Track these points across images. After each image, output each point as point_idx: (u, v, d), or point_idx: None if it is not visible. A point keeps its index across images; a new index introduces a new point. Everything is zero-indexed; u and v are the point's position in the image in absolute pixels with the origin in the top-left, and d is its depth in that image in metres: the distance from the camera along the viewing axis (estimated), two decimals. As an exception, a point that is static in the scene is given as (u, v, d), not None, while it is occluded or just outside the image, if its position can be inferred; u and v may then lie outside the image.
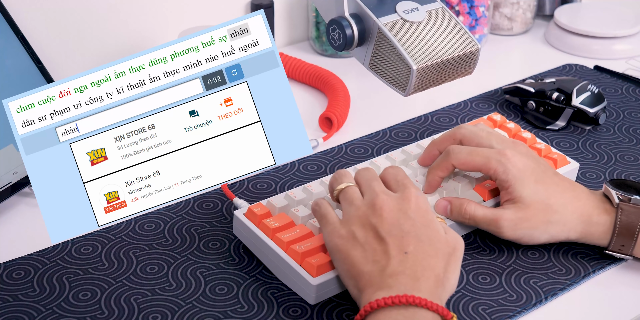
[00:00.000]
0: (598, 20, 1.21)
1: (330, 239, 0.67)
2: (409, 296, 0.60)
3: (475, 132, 0.78)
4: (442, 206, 0.76)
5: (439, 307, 0.60)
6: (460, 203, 0.75)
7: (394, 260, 0.63)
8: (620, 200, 0.74)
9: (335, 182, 0.71)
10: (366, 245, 0.64)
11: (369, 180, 0.70)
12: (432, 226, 0.66)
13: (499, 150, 0.75)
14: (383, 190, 0.68)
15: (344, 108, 0.98)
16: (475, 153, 0.75)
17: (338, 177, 0.71)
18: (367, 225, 0.65)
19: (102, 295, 0.71)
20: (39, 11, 0.97)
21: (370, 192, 0.68)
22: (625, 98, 1.05)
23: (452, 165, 0.76)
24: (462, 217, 0.75)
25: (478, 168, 0.75)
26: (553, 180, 0.75)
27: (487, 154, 0.75)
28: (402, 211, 0.66)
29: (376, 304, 0.60)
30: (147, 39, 1.07)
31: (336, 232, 0.67)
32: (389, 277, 0.62)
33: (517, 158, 0.74)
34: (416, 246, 0.64)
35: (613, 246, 0.74)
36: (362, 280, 0.63)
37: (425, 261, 0.63)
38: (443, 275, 0.63)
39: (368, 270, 0.63)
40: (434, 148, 0.80)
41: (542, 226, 0.74)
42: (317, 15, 1.15)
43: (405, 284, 0.61)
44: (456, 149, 0.76)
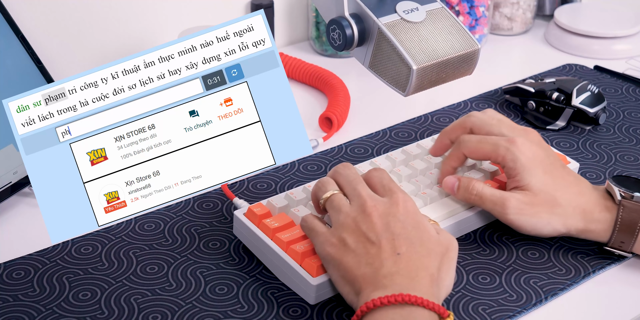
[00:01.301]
0: (598, 20, 1.21)
1: (322, 249, 0.67)
2: (405, 295, 0.60)
3: (485, 120, 0.78)
4: (450, 183, 0.76)
5: (435, 305, 0.60)
6: (469, 180, 0.75)
7: (387, 262, 0.63)
8: (622, 197, 0.74)
9: (320, 191, 0.70)
10: (358, 250, 0.64)
11: (353, 182, 0.69)
12: (422, 227, 0.66)
13: (509, 138, 0.75)
14: (369, 194, 0.68)
15: (344, 108, 0.98)
16: (484, 141, 0.76)
17: (321, 185, 0.70)
18: (358, 231, 0.65)
19: (102, 295, 0.71)
20: (39, 11, 0.97)
21: (357, 198, 0.68)
22: (625, 98, 1.05)
23: (463, 154, 0.77)
24: (469, 193, 0.75)
25: (487, 156, 0.75)
26: (560, 172, 0.75)
27: (496, 141, 0.75)
28: (392, 215, 0.66)
29: (372, 303, 0.60)
30: (147, 39, 1.07)
31: (327, 241, 0.66)
32: (383, 278, 0.62)
33: (526, 146, 0.74)
34: (408, 247, 0.64)
35: (613, 243, 0.74)
36: (357, 283, 0.63)
37: (419, 261, 0.63)
38: (437, 275, 0.64)
39: (362, 273, 0.63)
40: (444, 137, 0.81)
41: (545, 216, 0.73)
42: (317, 15, 1.15)
43: (401, 283, 0.62)
44: (466, 137, 0.77)
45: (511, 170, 0.74)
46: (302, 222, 0.70)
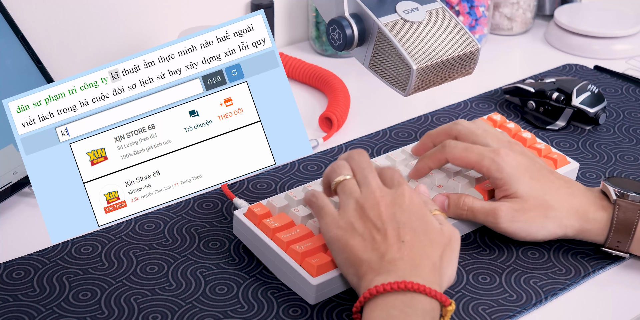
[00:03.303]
0: (598, 20, 1.21)
1: (329, 230, 0.68)
2: (407, 282, 0.61)
3: (472, 129, 0.78)
4: (439, 201, 0.76)
5: (437, 293, 0.61)
6: (458, 196, 0.76)
7: (392, 248, 0.64)
8: (617, 197, 0.74)
9: (334, 173, 0.71)
10: (365, 235, 0.66)
11: (365, 170, 0.70)
12: (426, 219, 0.67)
13: (494, 149, 0.75)
14: (379, 184, 0.69)
15: (344, 108, 0.98)
16: (470, 150, 0.76)
17: (337, 168, 0.71)
18: (365, 217, 0.66)
19: (102, 295, 0.71)
20: (39, 11, 0.97)
21: (366, 186, 0.69)
22: (625, 98, 1.05)
23: (445, 159, 0.77)
24: (460, 209, 0.75)
25: (471, 165, 0.76)
26: (548, 178, 0.75)
27: (481, 151, 0.75)
28: (398, 205, 0.67)
29: (375, 290, 0.61)
30: (147, 39, 1.07)
31: (335, 223, 0.67)
32: (387, 263, 0.63)
33: (510, 157, 0.75)
34: (412, 236, 0.65)
35: (610, 243, 0.74)
36: (361, 267, 0.65)
37: (422, 250, 0.64)
38: (439, 264, 0.65)
39: (367, 257, 0.64)
40: (428, 140, 0.81)
41: (539, 221, 0.74)
42: (317, 15, 1.15)
43: (404, 269, 0.63)
44: (452, 143, 0.77)
45: (497, 181, 0.75)
46: (311, 197, 0.71)
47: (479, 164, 0.75)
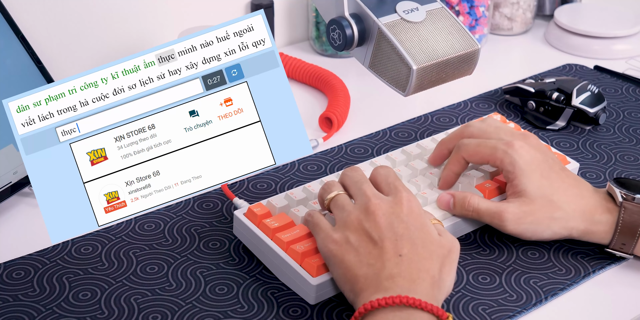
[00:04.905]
0: (598, 20, 1.21)
1: (324, 245, 0.67)
2: (403, 297, 0.60)
3: (483, 128, 0.78)
4: (444, 200, 0.76)
5: (433, 307, 0.60)
6: (464, 196, 0.75)
7: (389, 263, 0.63)
8: (623, 199, 0.74)
9: (325, 192, 0.71)
10: (360, 249, 0.64)
11: (359, 183, 0.69)
12: (425, 229, 0.66)
13: (507, 142, 0.75)
14: (374, 193, 0.68)
15: (344, 108, 0.98)
16: (483, 144, 0.76)
17: (327, 187, 0.71)
18: (361, 229, 0.65)
19: (102, 295, 0.71)
20: (39, 11, 0.97)
21: (361, 196, 0.68)
22: (625, 98, 1.05)
23: (463, 158, 0.77)
24: (465, 210, 0.75)
25: (486, 159, 0.75)
26: (559, 175, 0.75)
27: (494, 144, 0.75)
28: (395, 215, 0.66)
29: (370, 305, 0.60)
30: (147, 39, 1.07)
31: (329, 238, 0.67)
32: (385, 280, 0.62)
33: (524, 150, 0.75)
34: (410, 249, 0.64)
35: (614, 244, 0.74)
36: (358, 283, 0.63)
37: (420, 263, 0.63)
38: (438, 277, 0.64)
39: (363, 273, 0.63)
40: (443, 147, 0.81)
41: (545, 222, 0.74)
42: (317, 15, 1.15)
43: (402, 286, 0.62)
44: (465, 141, 0.77)
45: (509, 174, 0.75)
46: (307, 217, 0.71)
47: (492, 156, 0.75)
